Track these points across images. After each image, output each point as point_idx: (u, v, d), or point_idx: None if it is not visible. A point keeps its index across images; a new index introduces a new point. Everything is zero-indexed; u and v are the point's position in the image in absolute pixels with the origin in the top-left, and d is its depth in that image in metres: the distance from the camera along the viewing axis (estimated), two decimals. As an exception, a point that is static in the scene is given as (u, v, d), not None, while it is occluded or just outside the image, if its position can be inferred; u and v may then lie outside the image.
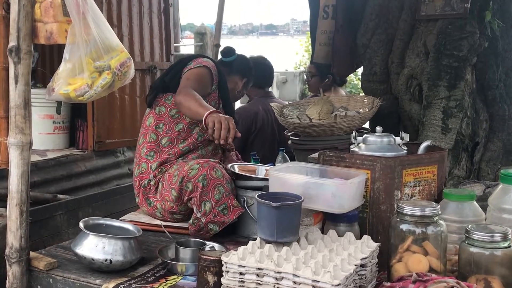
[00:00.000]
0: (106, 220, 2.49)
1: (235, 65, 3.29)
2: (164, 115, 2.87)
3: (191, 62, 2.92)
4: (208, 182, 2.54)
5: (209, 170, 2.56)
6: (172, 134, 2.85)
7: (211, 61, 2.99)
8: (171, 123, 2.86)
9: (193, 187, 2.56)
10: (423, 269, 1.95)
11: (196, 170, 2.57)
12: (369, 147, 2.42)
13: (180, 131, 2.85)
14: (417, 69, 3.71)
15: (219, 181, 2.56)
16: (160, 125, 2.86)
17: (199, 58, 2.97)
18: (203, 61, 2.93)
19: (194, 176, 2.56)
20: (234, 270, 1.89)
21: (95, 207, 3.86)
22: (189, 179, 2.57)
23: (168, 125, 2.86)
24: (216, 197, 2.54)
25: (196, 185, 2.54)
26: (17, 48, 2.22)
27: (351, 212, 2.21)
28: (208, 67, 2.90)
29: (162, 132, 2.85)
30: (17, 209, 2.27)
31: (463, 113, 3.52)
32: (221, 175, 2.57)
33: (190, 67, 2.88)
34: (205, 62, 2.93)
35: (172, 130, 2.85)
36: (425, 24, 3.70)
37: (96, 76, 2.33)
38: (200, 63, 2.90)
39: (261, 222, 2.05)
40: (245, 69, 3.35)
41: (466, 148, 3.61)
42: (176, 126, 2.85)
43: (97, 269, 2.25)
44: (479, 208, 2.20)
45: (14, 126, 2.26)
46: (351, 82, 11.15)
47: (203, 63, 2.91)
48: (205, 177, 2.54)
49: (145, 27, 5.02)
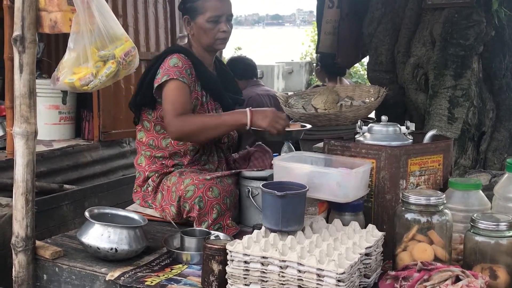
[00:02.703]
0: (111, 210, 2.50)
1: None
2: (150, 131, 2.77)
3: (158, 72, 2.62)
4: (205, 204, 2.48)
5: (205, 191, 2.48)
6: (163, 150, 2.75)
7: (179, 61, 2.63)
8: (158, 139, 2.76)
9: (190, 208, 2.51)
10: (428, 258, 1.95)
11: (192, 192, 2.49)
12: (375, 136, 2.41)
13: (168, 146, 2.74)
14: (423, 58, 3.69)
15: (217, 201, 2.49)
16: (151, 142, 2.77)
17: (165, 63, 2.63)
18: (169, 70, 2.60)
19: (190, 198, 2.49)
20: (239, 259, 1.89)
21: (101, 197, 3.87)
22: (185, 200, 2.51)
23: (156, 141, 2.77)
24: (214, 217, 2.49)
25: (193, 206, 2.49)
26: (21, 37, 2.22)
27: (356, 202, 2.21)
28: (177, 79, 2.58)
29: (155, 149, 2.76)
30: (22, 198, 2.28)
31: (469, 103, 3.51)
32: (217, 194, 2.49)
33: (158, 82, 2.59)
34: (171, 70, 2.60)
35: (161, 146, 2.75)
36: (432, 13, 3.68)
37: (100, 65, 2.33)
38: (168, 75, 2.59)
39: (266, 211, 2.05)
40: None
41: (472, 138, 3.60)
42: (163, 141, 2.75)
43: (102, 258, 2.26)
44: (484, 197, 2.19)
45: (19, 115, 2.26)
46: (357, 72, 11.11)
47: (171, 75, 2.58)
48: (201, 199, 2.47)
49: (150, 17, 5.01)
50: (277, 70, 12.23)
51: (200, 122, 2.61)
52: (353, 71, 10.89)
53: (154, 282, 2.05)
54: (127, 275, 2.12)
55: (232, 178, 2.64)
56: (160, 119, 2.73)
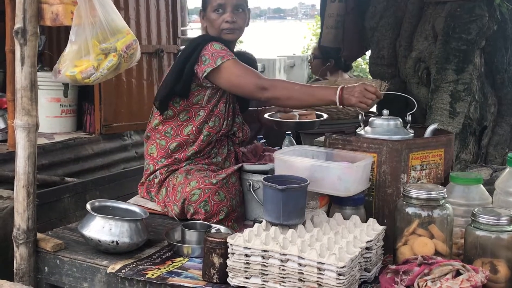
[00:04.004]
0: (113, 202, 2.50)
1: None
2: (172, 119, 2.74)
3: (205, 58, 2.60)
4: (212, 207, 2.47)
5: (211, 195, 2.48)
6: (181, 138, 2.73)
7: (222, 45, 2.64)
8: (180, 127, 2.73)
9: (195, 211, 2.51)
10: (429, 252, 1.95)
11: (198, 196, 2.49)
12: (375, 130, 2.41)
13: (189, 134, 2.72)
14: (425, 52, 3.68)
15: (223, 204, 2.49)
16: (169, 130, 2.74)
17: (208, 49, 2.61)
18: (219, 53, 2.59)
19: (195, 202, 2.49)
20: (239, 252, 1.90)
21: (102, 190, 3.87)
22: (190, 203, 2.50)
23: (176, 129, 2.73)
24: (220, 218, 2.49)
25: (198, 210, 2.49)
26: (23, 29, 2.22)
27: (357, 195, 2.21)
28: (232, 58, 2.60)
29: (172, 138, 2.74)
30: (24, 190, 2.28)
31: (471, 97, 3.50)
32: (224, 197, 2.49)
33: (213, 66, 2.57)
34: (221, 52, 2.59)
35: (181, 134, 2.73)
36: (434, 7, 3.67)
37: (102, 58, 2.32)
38: (221, 57, 2.58)
39: (267, 205, 2.05)
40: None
41: (473, 132, 3.59)
42: (185, 129, 2.73)
43: (103, 250, 2.26)
44: (485, 191, 2.19)
45: (20, 108, 2.26)
46: (359, 66, 11.09)
47: (225, 57, 2.58)
48: (207, 203, 2.47)
49: (152, 10, 5.00)
50: (278, 64, 12.21)
51: (293, 86, 2.59)
52: (355, 64, 10.86)
53: (155, 275, 2.06)
54: (128, 268, 2.12)
55: (235, 175, 2.63)
56: (190, 106, 2.71)
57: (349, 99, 2.44)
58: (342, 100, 2.46)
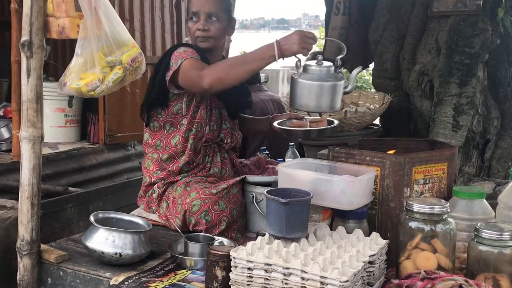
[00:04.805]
0: (116, 214, 2.50)
1: None
2: (159, 131, 2.78)
3: (171, 63, 2.61)
4: (212, 217, 2.48)
5: (211, 205, 2.48)
6: (170, 150, 2.76)
7: (187, 48, 2.67)
8: (167, 138, 2.77)
9: (196, 222, 2.51)
10: (432, 266, 1.95)
11: (198, 206, 2.49)
12: (308, 75, 2.44)
13: (176, 144, 2.75)
14: (429, 65, 3.69)
15: (224, 214, 2.49)
16: (158, 143, 2.78)
17: (174, 54, 2.63)
18: (180, 55, 2.59)
19: (196, 212, 2.49)
20: (242, 265, 1.90)
21: (106, 200, 3.89)
22: (191, 214, 2.51)
23: (165, 141, 2.77)
24: (222, 228, 2.49)
25: (199, 221, 2.49)
26: (29, 42, 2.24)
27: (360, 209, 2.21)
28: (190, 57, 2.58)
29: (162, 150, 2.77)
30: (28, 201, 2.29)
31: (474, 110, 3.50)
32: (224, 207, 2.49)
33: (174, 69, 2.58)
34: (182, 54, 2.59)
35: (169, 145, 2.76)
36: (437, 20, 3.68)
37: (107, 71, 2.34)
38: (181, 58, 2.57)
39: (270, 218, 2.05)
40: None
41: (476, 146, 3.59)
42: (172, 140, 2.76)
43: (107, 262, 2.26)
44: (488, 206, 2.20)
45: (26, 119, 2.28)
46: (362, 77, 11.10)
47: (184, 57, 2.57)
48: (207, 213, 2.47)
49: (157, 22, 5.03)
50: (282, 75, 12.22)
51: (225, 63, 2.56)
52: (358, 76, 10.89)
53: (158, 287, 2.06)
54: (131, 280, 2.12)
55: (237, 186, 2.63)
56: (172, 116, 2.75)
57: (291, 48, 2.40)
58: (282, 51, 2.42)
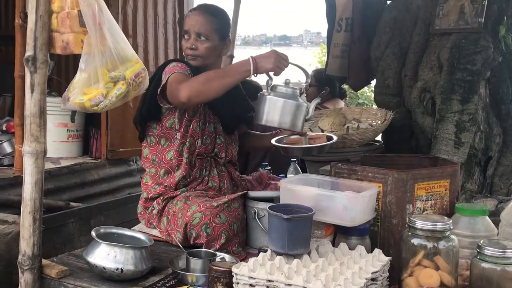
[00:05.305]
0: (118, 229, 2.50)
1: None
2: (155, 146, 2.81)
3: (162, 78, 2.66)
4: (213, 230, 2.48)
5: (212, 218, 2.48)
6: (166, 164, 2.78)
7: (177, 63, 2.73)
8: (163, 153, 2.79)
9: (197, 235, 2.51)
10: (434, 283, 1.94)
11: (199, 219, 2.49)
12: (276, 94, 2.57)
13: (172, 159, 2.76)
14: (430, 82, 3.70)
15: (224, 227, 2.49)
16: (154, 157, 2.81)
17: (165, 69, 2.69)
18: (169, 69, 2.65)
19: (197, 225, 2.49)
20: (244, 282, 1.89)
21: (107, 215, 3.88)
22: (192, 227, 2.51)
23: (160, 156, 2.79)
24: (222, 242, 2.49)
25: (200, 233, 2.50)
26: (33, 57, 2.25)
27: (362, 225, 2.21)
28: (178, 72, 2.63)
29: (158, 165, 2.79)
30: (30, 216, 2.29)
31: (476, 127, 3.51)
32: (225, 220, 2.50)
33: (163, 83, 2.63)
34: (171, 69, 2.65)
35: (165, 160, 2.78)
36: (439, 38, 3.70)
37: (111, 86, 2.35)
38: (169, 73, 2.63)
39: (272, 234, 2.05)
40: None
41: (479, 162, 3.59)
42: (167, 155, 2.78)
43: (108, 277, 2.26)
44: (491, 223, 2.19)
45: (29, 134, 2.29)
46: (364, 93, 11.13)
47: (172, 72, 2.62)
48: (208, 226, 2.48)
49: (160, 38, 5.07)
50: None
51: (203, 76, 2.57)
52: (360, 92, 10.90)
53: (159, 303, 2.05)
54: (133, 296, 2.12)
55: (239, 201, 2.63)
56: (166, 131, 2.77)
57: (265, 66, 2.51)
58: (257, 68, 2.51)
